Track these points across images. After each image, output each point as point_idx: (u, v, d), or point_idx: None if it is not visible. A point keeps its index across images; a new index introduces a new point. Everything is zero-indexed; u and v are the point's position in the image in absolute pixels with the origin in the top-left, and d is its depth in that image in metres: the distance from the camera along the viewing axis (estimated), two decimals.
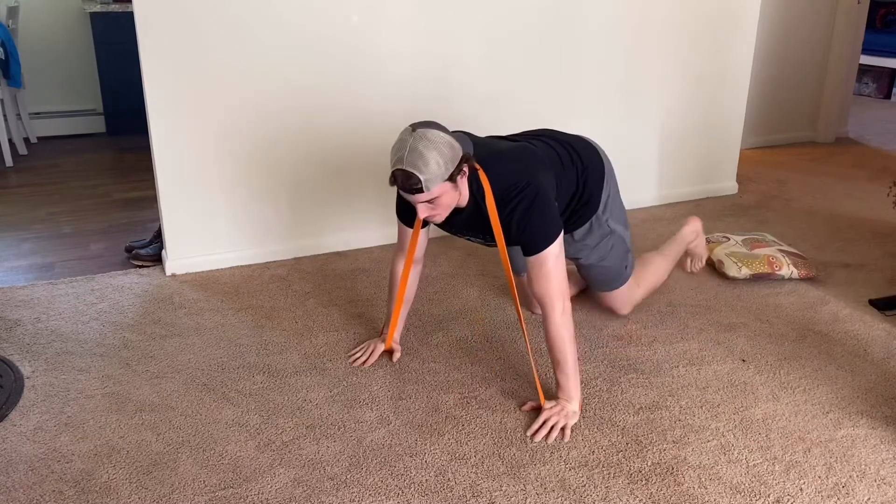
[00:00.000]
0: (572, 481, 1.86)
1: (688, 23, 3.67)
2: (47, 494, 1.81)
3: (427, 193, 1.91)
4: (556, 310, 2.04)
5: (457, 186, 1.97)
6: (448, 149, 1.90)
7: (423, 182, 1.88)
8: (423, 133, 1.89)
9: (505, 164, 2.07)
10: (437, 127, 1.94)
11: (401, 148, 1.90)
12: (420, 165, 1.87)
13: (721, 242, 3.08)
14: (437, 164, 1.88)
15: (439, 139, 1.90)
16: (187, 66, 2.82)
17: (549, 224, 2.04)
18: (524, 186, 2.02)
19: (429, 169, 1.87)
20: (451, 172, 1.91)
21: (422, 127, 1.92)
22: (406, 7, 3.10)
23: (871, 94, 6.92)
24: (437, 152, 1.88)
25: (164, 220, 2.97)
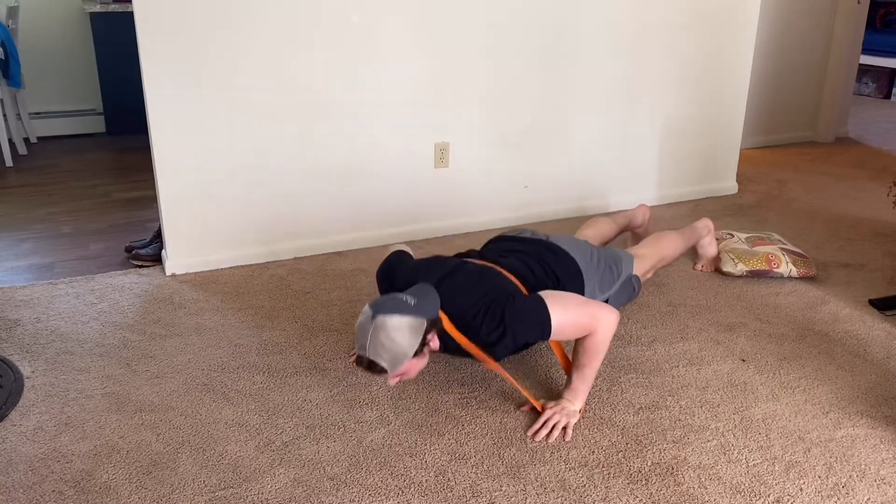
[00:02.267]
0: (572, 481, 1.86)
1: (688, 23, 3.67)
2: (47, 494, 1.81)
3: (392, 373, 1.93)
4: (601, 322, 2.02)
5: (424, 354, 1.97)
6: (409, 333, 1.89)
7: (387, 368, 1.90)
8: (381, 322, 1.88)
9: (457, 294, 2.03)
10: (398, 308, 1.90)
11: (362, 335, 1.90)
12: (382, 354, 1.88)
13: (724, 239, 3.09)
14: (399, 350, 1.88)
15: (400, 325, 1.88)
16: (187, 65, 2.82)
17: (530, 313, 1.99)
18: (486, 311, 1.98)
19: (391, 355, 1.88)
20: (416, 350, 1.91)
21: (381, 312, 1.89)
22: (406, 7, 3.10)
23: (871, 94, 6.92)
24: (399, 339, 1.88)
25: (164, 220, 2.97)
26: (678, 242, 2.74)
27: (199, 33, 2.81)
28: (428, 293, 2.00)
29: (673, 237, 2.75)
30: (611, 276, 2.41)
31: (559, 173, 3.63)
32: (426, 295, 1.99)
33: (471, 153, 3.42)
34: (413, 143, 3.28)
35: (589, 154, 3.67)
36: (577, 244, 2.40)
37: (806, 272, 2.95)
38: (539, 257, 2.27)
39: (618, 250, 2.53)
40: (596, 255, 2.41)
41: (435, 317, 1.97)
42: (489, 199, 3.52)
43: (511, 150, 3.50)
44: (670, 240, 2.73)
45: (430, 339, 1.97)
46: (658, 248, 2.66)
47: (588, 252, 2.39)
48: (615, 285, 2.41)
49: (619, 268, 2.45)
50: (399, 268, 2.19)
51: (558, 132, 3.57)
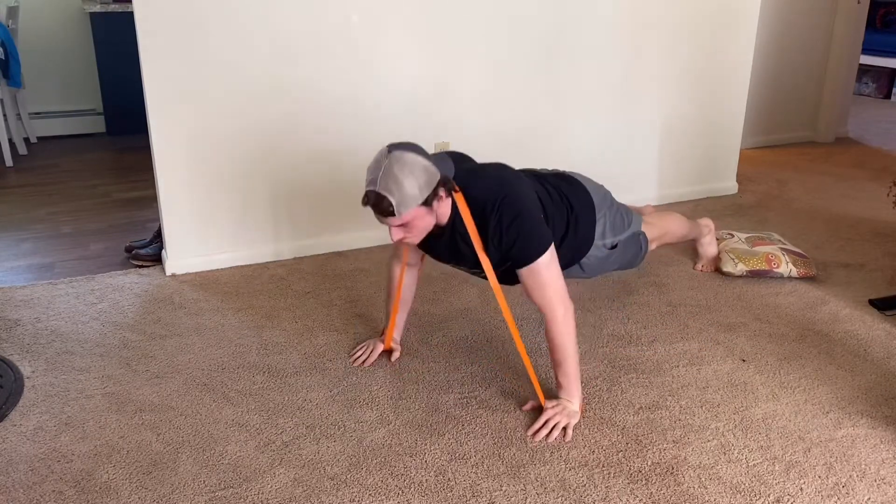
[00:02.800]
0: (572, 481, 1.86)
1: (688, 23, 3.67)
2: (47, 494, 1.81)
3: (399, 217, 1.87)
4: (557, 314, 2.02)
5: (432, 211, 1.92)
6: (423, 173, 1.86)
7: (395, 206, 1.84)
8: (398, 156, 1.85)
9: (481, 180, 2.02)
10: (415, 150, 1.89)
11: (375, 169, 1.86)
12: (393, 189, 1.83)
13: (725, 239, 3.09)
14: (411, 189, 1.84)
15: (415, 163, 1.85)
16: (187, 66, 2.82)
17: (535, 234, 1.99)
18: (502, 199, 1.96)
19: (402, 193, 1.83)
20: (427, 197, 1.87)
21: (398, 149, 1.87)
22: (406, 7, 3.10)
23: (871, 94, 6.92)
24: (412, 176, 1.83)
25: (164, 220, 2.97)
26: (682, 223, 2.76)
27: (199, 33, 2.81)
28: (444, 159, 2.00)
29: (678, 216, 2.78)
30: (622, 223, 2.42)
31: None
32: (442, 159, 1.99)
33: (471, 153, 3.41)
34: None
35: (589, 154, 3.67)
36: (594, 183, 2.42)
37: (806, 272, 2.95)
38: (557, 186, 2.28)
39: (628, 206, 2.55)
40: (610, 197, 2.43)
41: (448, 177, 1.94)
42: None
43: (511, 150, 3.49)
44: (675, 218, 2.75)
45: (441, 196, 1.92)
46: (663, 221, 2.67)
47: (602, 192, 2.41)
48: (625, 232, 2.43)
49: (630, 218, 2.47)
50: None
51: (558, 132, 3.57)
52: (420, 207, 1.88)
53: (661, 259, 3.12)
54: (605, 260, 2.40)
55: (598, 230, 2.33)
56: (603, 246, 2.36)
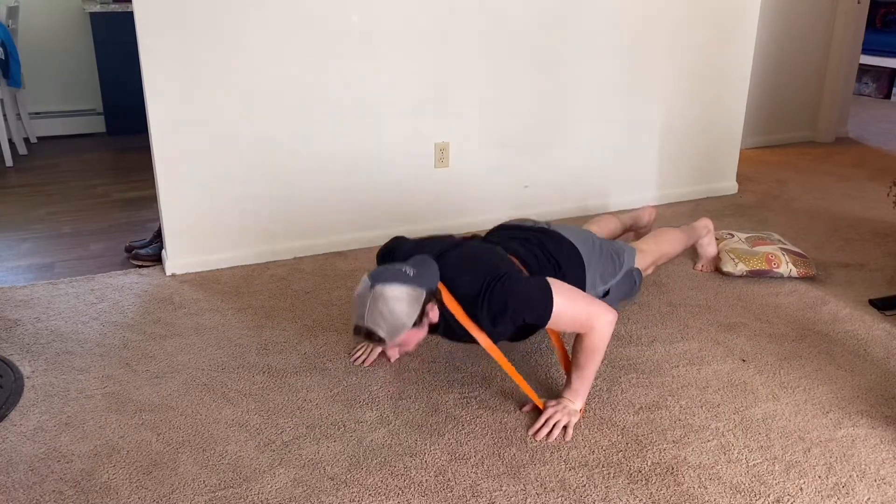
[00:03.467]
0: (572, 481, 1.86)
1: (688, 23, 3.67)
2: (47, 494, 1.81)
3: (391, 344, 1.92)
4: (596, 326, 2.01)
5: (423, 325, 1.95)
6: (408, 303, 1.87)
7: (385, 338, 1.89)
8: (380, 291, 1.86)
9: (460, 272, 2.01)
10: (396, 278, 1.88)
11: (360, 305, 1.89)
12: (381, 323, 1.87)
13: (725, 239, 3.09)
14: (398, 320, 1.87)
15: (398, 295, 1.86)
16: (187, 66, 2.82)
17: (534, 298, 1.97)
18: (484, 289, 1.96)
19: (390, 325, 1.87)
20: (415, 320, 1.90)
21: (379, 282, 1.88)
22: (406, 7, 3.10)
23: (871, 94, 6.92)
24: (398, 308, 1.86)
25: (164, 220, 2.98)
26: (679, 239, 2.74)
27: (199, 33, 2.81)
28: (428, 264, 1.98)
29: (674, 234, 2.75)
30: (613, 267, 2.40)
31: (559, 173, 3.64)
32: (426, 266, 1.97)
33: (471, 153, 3.42)
34: (413, 143, 3.28)
35: (589, 154, 3.67)
36: (580, 233, 2.40)
37: (806, 272, 2.95)
38: (541, 244, 2.27)
39: (621, 242, 2.53)
40: (598, 244, 2.40)
41: (434, 288, 1.95)
42: (489, 199, 3.52)
43: (511, 150, 3.50)
44: (671, 236, 2.73)
45: (430, 310, 1.94)
46: (659, 244, 2.66)
47: (590, 241, 2.38)
48: (617, 276, 2.41)
49: (622, 259, 2.45)
50: (399, 247, 2.17)
51: (558, 132, 3.57)
52: (410, 330, 1.91)
53: None
54: None
55: (589, 282, 2.31)
56: (595, 295, 2.34)
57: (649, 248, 2.62)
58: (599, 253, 2.38)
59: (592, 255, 2.35)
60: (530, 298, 1.97)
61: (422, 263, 1.98)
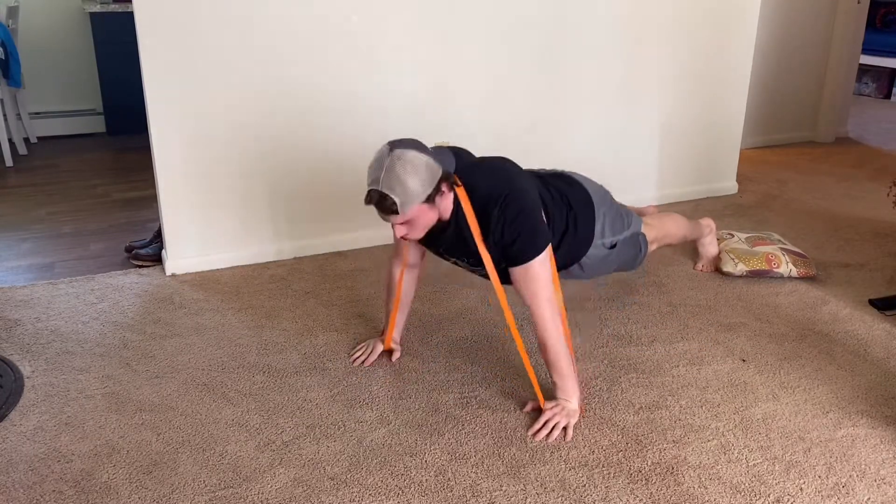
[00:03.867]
0: (572, 481, 1.86)
1: (688, 23, 3.67)
2: (47, 494, 1.81)
3: (402, 215, 1.89)
4: (545, 314, 2.02)
5: (435, 206, 1.94)
6: (425, 170, 1.87)
7: (398, 204, 1.86)
8: (400, 153, 1.86)
9: (484, 174, 2.03)
10: (416, 146, 1.90)
11: (377, 168, 1.88)
12: (395, 187, 1.84)
13: (725, 239, 3.09)
14: (414, 186, 1.85)
15: (417, 160, 1.86)
16: (187, 66, 2.82)
17: (535, 233, 2.00)
18: (506, 195, 1.98)
19: (404, 191, 1.85)
20: (429, 194, 1.88)
21: (400, 146, 1.88)
22: (407, 7, 3.10)
23: (871, 94, 6.92)
24: (415, 174, 1.85)
25: (164, 220, 2.98)
26: (682, 225, 2.75)
27: (198, 33, 2.81)
28: (446, 154, 2.00)
29: (678, 218, 2.76)
30: (621, 223, 2.42)
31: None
32: (444, 154, 1.99)
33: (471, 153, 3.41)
34: None
35: (589, 154, 3.67)
36: (593, 182, 2.42)
37: (806, 272, 2.95)
38: (554, 185, 2.28)
39: (627, 208, 2.55)
40: (609, 197, 2.43)
41: (450, 172, 1.95)
42: None
43: (511, 150, 3.48)
44: (675, 218, 2.75)
45: (444, 192, 1.94)
46: (663, 223, 2.66)
47: (602, 191, 2.41)
48: (624, 233, 2.42)
49: (630, 220, 2.46)
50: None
51: (558, 132, 3.57)
52: (423, 204, 1.89)
53: (661, 259, 3.12)
54: (604, 260, 2.40)
55: (598, 229, 2.33)
56: (602, 245, 2.36)
57: (653, 223, 2.62)
58: (610, 205, 2.40)
59: (603, 202, 2.37)
60: (532, 232, 1.99)
61: (441, 152, 2.00)
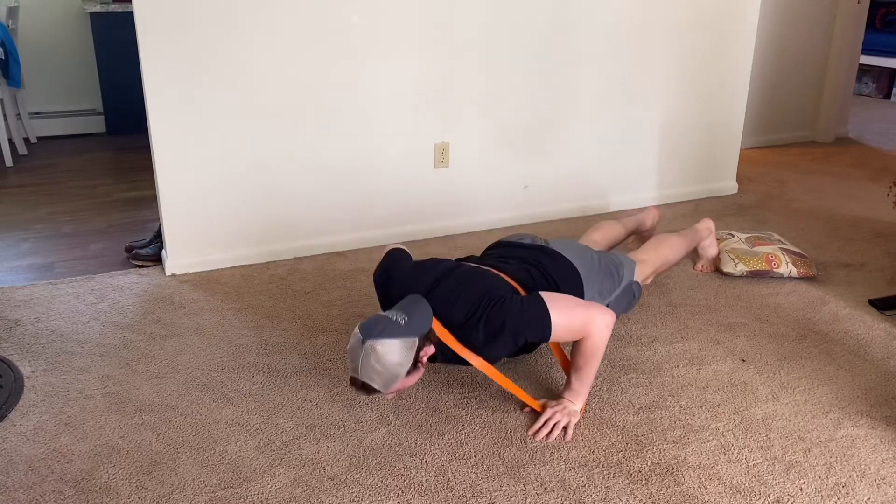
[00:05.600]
0: (572, 481, 1.86)
1: (688, 23, 3.67)
2: (47, 494, 1.81)
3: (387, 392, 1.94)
4: (593, 330, 2.02)
5: (418, 369, 1.96)
6: (400, 354, 1.88)
7: (381, 389, 1.91)
8: (371, 346, 1.87)
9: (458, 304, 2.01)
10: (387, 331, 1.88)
11: (354, 359, 1.90)
12: (375, 378, 1.88)
13: (725, 239, 3.09)
14: (392, 372, 1.88)
15: (390, 349, 1.87)
16: (187, 65, 2.82)
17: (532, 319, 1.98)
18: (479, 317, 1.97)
19: (384, 379, 1.89)
20: (409, 368, 1.91)
21: (371, 336, 1.87)
22: (406, 8, 3.10)
23: (871, 94, 6.92)
24: (390, 361, 1.87)
25: (164, 220, 2.98)
26: (680, 246, 2.73)
27: (198, 33, 2.81)
28: (419, 306, 1.98)
29: (674, 241, 2.72)
30: (611, 282, 2.39)
31: (559, 173, 3.64)
32: (417, 309, 1.97)
33: (471, 153, 3.42)
34: (413, 143, 3.28)
35: (589, 154, 3.67)
36: (578, 249, 2.38)
37: (806, 272, 2.95)
38: (538, 263, 2.26)
39: (620, 256, 2.51)
40: (597, 260, 2.39)
41: (426, 331, 1.96)
42: (489, 199, 3.52)
43: (511, 150, 3.50)
44: (672, 244, 2.70)
45: (424, 354, 1.96)
46: (660, 253, 2.64)
47: (588, 257, 2.37)
48: (616, 291, 2.40)
49: (621, 273, 2.43)
50: (394, 272, 2.17)
51: (558, 132, 3.57)
52: (405, 378, 1.93)
53: None
54: None
55: (587, 299, 2.30)
56: None
57: (649, 257, 2.60)
58: (598, 268, 2.37)
59: (591, 271, 2.34)
60: (528, 318, 1.98)
61: (413, 306, 1.98)
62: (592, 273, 2.34)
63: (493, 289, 2.04)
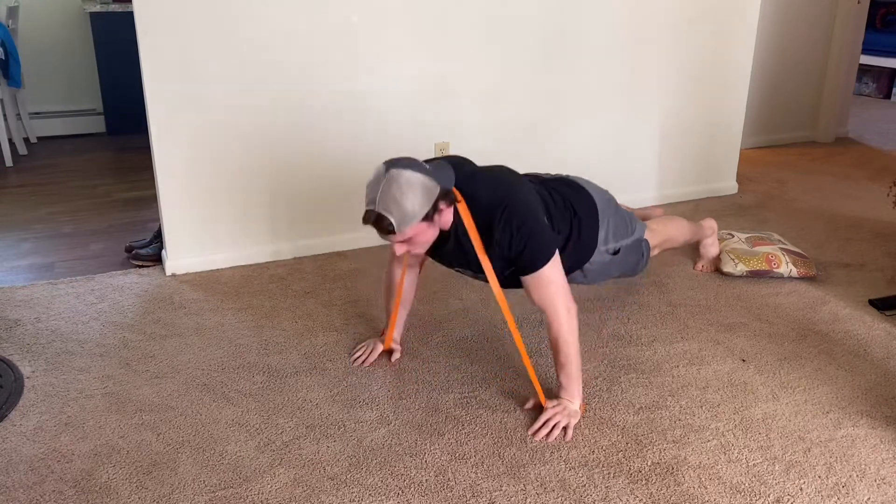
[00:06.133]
0: (572, 481, 1.86)
1: (688, 23, 3.67)
2: (47, 494, 1.81)
3: (400, 234, 1.89)
4: (560, 315, 2.02)
5: (433, 224, 1.93)
6: (421, 190, 1.86)
7: (395, 224, 1.86)
8: (396, 174, 1.85)
9: (485, 185, 2.01)
10: (413, 166, 1.88)
11: (374, 188, 1.88)
12: (392, 208, 1.84)
13: (725, 239, 3.09)
14: (411, 206, 1.85)
15: (413, 180, 1.85)
16: (187, 66, 2.82)
17: (541, 241, 2.00)
18: (507, 205, 1.97)
19: (401, 211, 1.84)
20: (427, 212, 1.88)
21: (396, 166, 1.87)
22: (406, 7, 3.10)
23: (871, 94, 6.92)
24: (411, 194, 1.84)
25: (164, 220, 2.98)
26: (685, 228, 2.76)
27: (198, 33, 2.81)
28: (445, 168, 1.97)
29: (681, 221, 2.77)
30: (625, 228, 2.42)
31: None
32: (442, 169, 1.96)
33: (471, 153, 3.41)
34: (413, 143, 3.28)
35: (589, 154, 3.67)
36: (598, 188, 2.42)
37: (806, 272, 2.95)
38: (559, 190, 2.27)
39: (632, 213, 2.55)
40: (614, 202, 2.43)
41: (448, 188, 1.93)
42: None
43: (511, 150, 3.49)
44: (679, 224, 2.75)
45: (442, 209, 1.92)
46: (666, 227, 2.67)
47: (607, 197, 2.41)
48: (627, 240, 2.42)
49: (633, 225, 2.46)
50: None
51: (558, 132, 3.57)
52: (421, 223, 1.89)
53: (661, 259, 3.11)
54: (607, 265, 2.40)
55: (602, 235, 2.33)
56: (606, 251, 2.36)
57: (657, 227, 2.63)
58: (615, 210, 2.40)
59: (608, 207, 2.37)
60: (538, 240, 1.98)
61: (439, 167, 1.97)
62: (609, 210, 2.37)
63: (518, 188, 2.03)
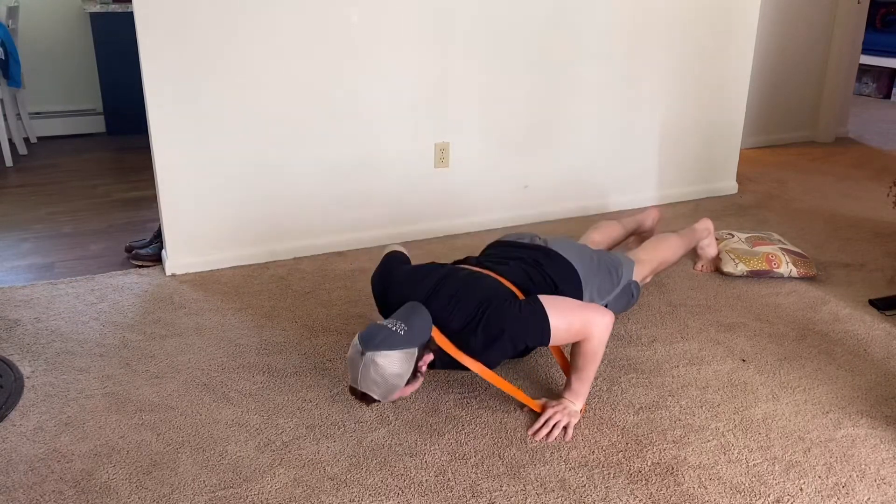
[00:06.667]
0: (572, 481, 1.86)
1: (688, 23, 3.67)
2: (47, 494, 1.81)
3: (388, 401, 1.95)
4: (595, 325, 2.01)
5: (418, 377, 1.96)
6: (400, 364, 1.88)
7: (381, 399, 1.91)
8: (371, 359, 1.86)
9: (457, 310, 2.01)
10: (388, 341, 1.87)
11: (354, 370, 1.90)
12: (374, 388, 1.89)
13: (725, 239, 3.09)
14: (392, 382, 1.88)
15: (390, 361, 1.86)
16: (187, 65, 2.82)
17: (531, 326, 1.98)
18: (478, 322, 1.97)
19: (383, 389, 1.89)
20: (409, 377, 1.91)
21: (370, 347, 1.86)
22: (406, 8, 3.10)
23: (871, 94, 6.92)
24: (390, 373, 1.87)
25: (164, 220, 2.98)
26: (678, 246, 2.72)
27: (198, 33, 2.81)
28: (418, 314, 1.97)
29: (673, 241, 2.72)
30: (610, 283, 2.39)
31: (559, 173, 3.64)
32: (416, 317, 1.96)
33: (471, 153, 3.42)
34: (413, 143, 3.28)
35: (589, 154, 3.67)
36: (576, 249, 2.38)
37: (806, 272, 2.95)
38: (537, 263, 2.26)
39: (618, 255, 2.51)
40: (595, 260, 2.39)
41: (426, 339, 1.95)
42: (489, 199, 3.52)
43: (511, 150, 3.50)
44: (670, 244, 2.70)
45: (423, 363, 1.95)
46: (658, 253, 2.64)
47: (587, 257, 2.37)
48: (614, 291, 2.40)
49: (619, 273, 2.43)
50: (392, 277, 2.16)
51: (558, 132, 3.57)
52: (405, 387, 1.93)
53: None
54: None
55: (586, 299, 2.31)
56: None
57: (648, 257, 2.60)
58: (597, 268, 2.37)
59: (590, 271, 2.34)
60: (527, 323, 1.98)
61: (412, 314, 1.97)
62: (591, 273, 2.33)
63: (491, 294, 2.03)
